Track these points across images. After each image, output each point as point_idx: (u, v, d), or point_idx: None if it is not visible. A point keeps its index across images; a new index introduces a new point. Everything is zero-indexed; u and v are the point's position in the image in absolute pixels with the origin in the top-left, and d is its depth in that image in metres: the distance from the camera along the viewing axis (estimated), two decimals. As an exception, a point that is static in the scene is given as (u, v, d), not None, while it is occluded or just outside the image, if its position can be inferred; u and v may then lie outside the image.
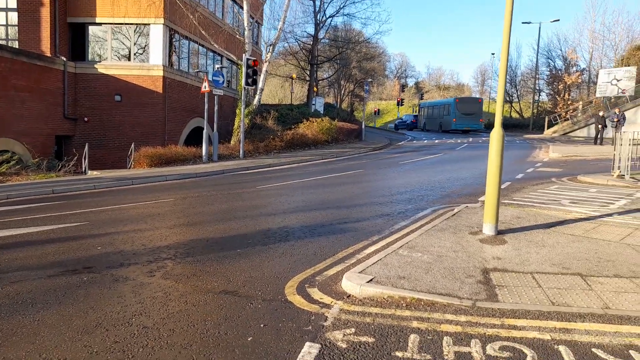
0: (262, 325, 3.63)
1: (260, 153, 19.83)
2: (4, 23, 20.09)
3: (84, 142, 19.02)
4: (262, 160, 17.41)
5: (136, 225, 7.30)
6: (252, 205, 8.90)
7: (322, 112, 34.34)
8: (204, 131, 17.08)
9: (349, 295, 4.23)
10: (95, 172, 14.90)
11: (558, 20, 50.41)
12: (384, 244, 5.85)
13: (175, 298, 4.23)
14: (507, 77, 48.19)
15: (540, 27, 39.21)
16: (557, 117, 36.60)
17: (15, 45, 19.42)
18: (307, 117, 27.05)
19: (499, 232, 6.14)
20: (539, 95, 45.70)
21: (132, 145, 17.07)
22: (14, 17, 19.86)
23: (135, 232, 6.81)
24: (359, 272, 4.58)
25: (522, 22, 49.78)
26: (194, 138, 22.14)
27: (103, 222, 7.57)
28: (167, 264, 5.26)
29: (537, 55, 40.07)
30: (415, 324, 3.62)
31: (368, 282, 4.32)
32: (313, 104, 34.38)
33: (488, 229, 6.07)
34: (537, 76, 41.97)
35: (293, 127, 24.69)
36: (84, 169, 16.54)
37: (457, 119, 38.75)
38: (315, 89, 36.75)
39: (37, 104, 18.39)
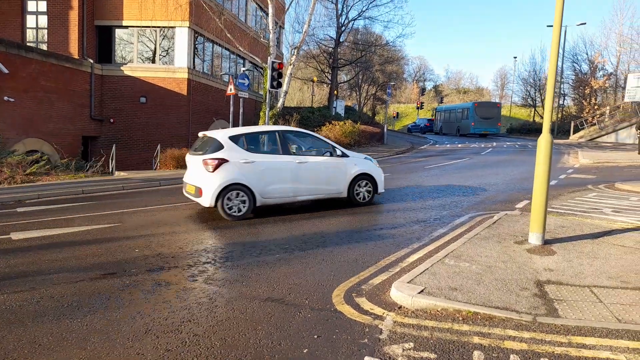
0: (315, 337, 3.51)
1: (284, 156, 19.75)
2: (34, 26, 20.46)
3: (110, 142, 19.21)
4: (286, 163, 17.32)
5: (170, 227, 7.25)
6: (282, 209, 8.79)
7: (342, 115, 34.23)
8: (229, 133, 17.06)
9: (400, 307, 4.08)
10: (122, 173, 15.00)
11: (584, 23, 49.00)
12: (427, 252, 5.69)
13: (221, 304, 4.14)
14: (531, 80, 47.47)
15: (565, 31, 38.37)
16: (584, 122, 35.79)
17: (44, 47, 19.76)
18: (328, 119, 26.98)
19: (546, 242, 5.91)
20: (564, 99, 44.80)
21: (159, 147, 17.15)
22: (43, 20, 20.22)
23: (171, 234, 6.77)
24: (408, 282, 4.42)
25: (547, 26, 48.67)
26: (217, 140, 22.21)
27: (136, 223, 7.55)
28: (207, 268, 5.18)
29: (563, 59, 39.25)
30: (476, 339, 3.45)
31: (419, 293, 4.16)
32: (334, 107, 34.27)
33: (535, 239, 5.84)
34: (561, 80, 41.14)
35: (315, 130, 24.60)
36: (111, 169, 16.68)
37: (475, 122, 39.24)
38: (335, 92, 36.64)
39: (65, 104, 18.66)
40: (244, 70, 17.92)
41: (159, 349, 3.32)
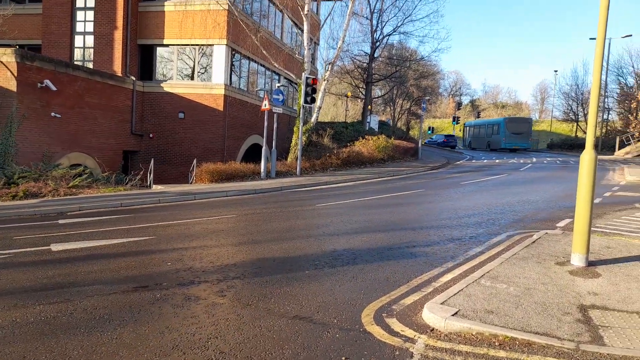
0: (343, 358, 3.40)
1: (317, 170, 19.80)
2: (82, 45, 21.51)
3: (149, 157, 19.80)
4: (318, 178, 17.35)
5: (202, 241, 7.32)
6: (314, 225, 8.75)
7: (376, 129, 34.09)
8: (263, 148, 17.26)
9: (433, 329, 3.92)
10: (159, 187, 15.38)
11: (630, 35, 46.77)
12: (461, 272, 5.48)
13: (248, 321, 4.09)
14: (573, 94, 46.03)
15: (610, 43, 37.03)
16: (630, 138, 34.23)
17: (91, 66, 20.70)
18: (362, 134, 26.88)
19: (590, 264, 5.59)
20: (609, 113, 43.07)
21: (195, 161, 17.52)
22: (90, 40, 21.22)
23: (202, 248, 6.82)
24: (441, 304, 4.25)
25: (590, 38, 47.16)
26: (251, 154, 22.52)
27: (170, 236, 7.67)
28: (236, 283, 5.17)
29: (607, 72, 37.88)
30: (513, 367, 3.25)
31: (453, 315, 3.99)
32: (368, 122, 34.19)
33: (577, 260, 5.54)
34: (606, 94, 39.62)
35: (348, 144, 24.57)
36: (149, 183, 17.13)
37: (506, 138, 40.06)
38: (369, 107, 36.56)
39: (107, 120, 19.40)
40: (278, 86, 18.17)
41: (185, 365, 3.29)
